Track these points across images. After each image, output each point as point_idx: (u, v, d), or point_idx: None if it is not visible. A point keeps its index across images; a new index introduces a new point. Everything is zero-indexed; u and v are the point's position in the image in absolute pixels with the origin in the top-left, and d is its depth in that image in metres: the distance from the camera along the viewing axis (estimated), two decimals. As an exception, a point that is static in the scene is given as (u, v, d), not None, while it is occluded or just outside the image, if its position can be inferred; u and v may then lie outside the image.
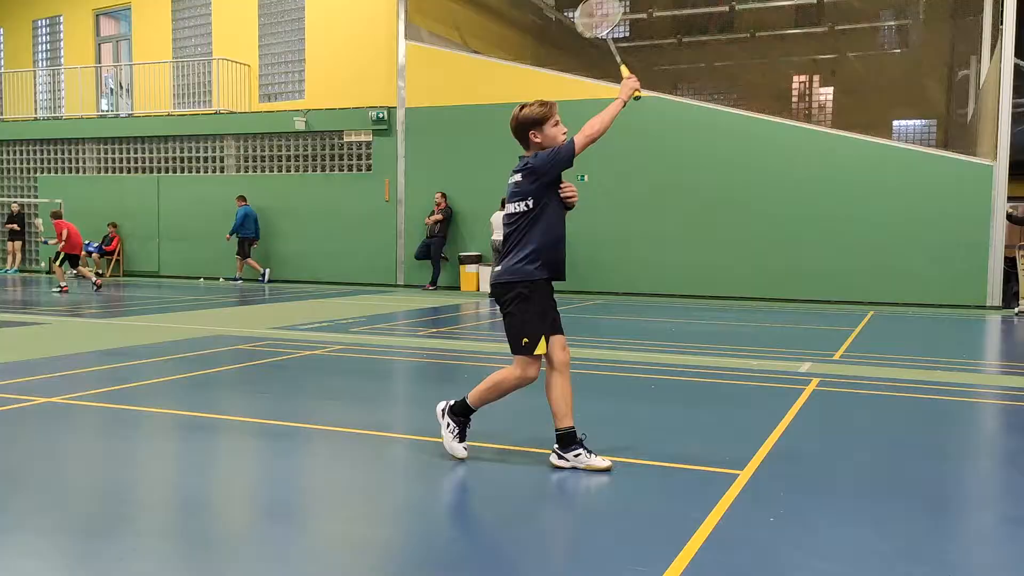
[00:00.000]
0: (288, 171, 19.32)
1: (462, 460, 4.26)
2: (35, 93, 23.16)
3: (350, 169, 18.77)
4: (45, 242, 18.20)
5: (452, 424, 4.29)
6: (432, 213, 17.25)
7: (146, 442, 4.88)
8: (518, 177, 4.36)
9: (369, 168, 18.53)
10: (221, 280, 19.29)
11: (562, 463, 4.16)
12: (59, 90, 23.00)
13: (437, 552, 3.13)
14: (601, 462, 4.11)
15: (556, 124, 4.46)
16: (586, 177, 16.76)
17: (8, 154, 22.19)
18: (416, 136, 17.99)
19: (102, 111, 22.28)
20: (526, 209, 4.25)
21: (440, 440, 4.41)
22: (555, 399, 4.19)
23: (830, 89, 22.67)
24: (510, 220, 4.32)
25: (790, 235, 15.30)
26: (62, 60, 22.87)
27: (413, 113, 17.97)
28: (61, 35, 22.98)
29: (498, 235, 15.21)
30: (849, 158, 15.08)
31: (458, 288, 17.59)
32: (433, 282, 17.24)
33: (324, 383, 6.75)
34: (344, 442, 4.80)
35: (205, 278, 19.70)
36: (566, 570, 2.93)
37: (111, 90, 22.66)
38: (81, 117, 21.65)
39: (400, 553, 3.16)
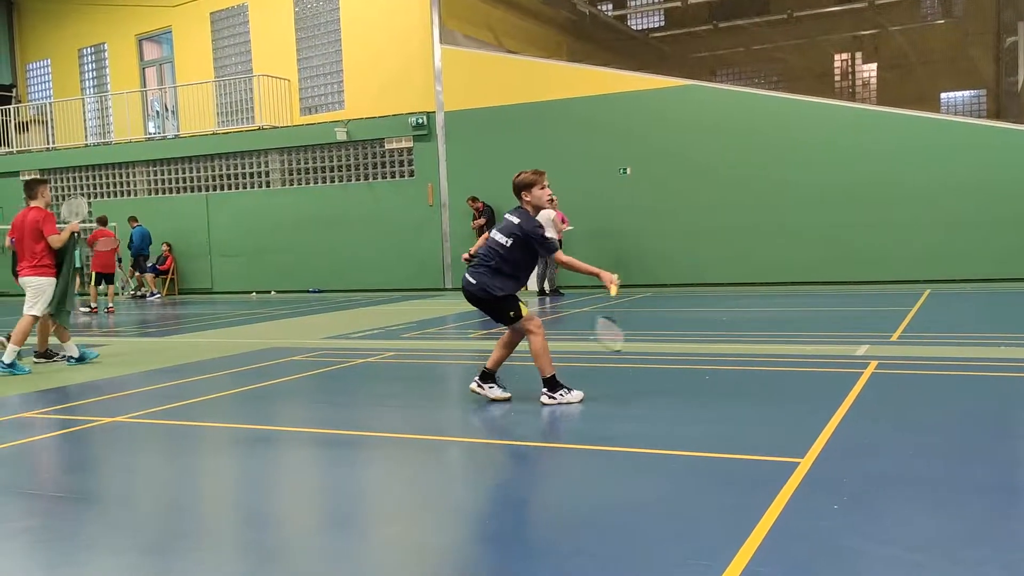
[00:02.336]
0: (331, 182, 19.56)
1: (508, 399, 5.71)
2: (84, 120, 23.81)
3: (392, 176, 18.94)
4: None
5: (489, 384, 5.83)
6: (474, 218, 17.31)
7: (209, 457, 4.98)
8: (514, 219, 5.71)
9: (412, 174, 18.66)
10: (272, 293, 19.62)
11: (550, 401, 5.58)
12: (107, 116, 23.62)
13: (498, 552, 3.14)
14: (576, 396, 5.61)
15: (543, 188, 5.77)
16: (628, 170, 16.68)
17: (62, 181, 22.84)
18: (456, 139, 18.07)
19: (149, 134, 22.81)
20: (507, 245, 5.65)
21: (494, 440, 4.42)
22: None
23: (873, 65, 22.17)
24: (495, 245, 5.69)
25: (839, 217, 15.01)
26: (108, 86, 23.48)
27: (452, 116, 18.05)
28: (106, 62, 23.59)
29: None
30: (897, 135, 14.75)
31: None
32: None
33: (379, 390, 6.82)
34: (402, 448, 4.84)
35: (257, 292, 20.06)
36: (628, 565, 2.92)
37: (157, 113, 23.19)
38: (130, 141, 22.19)
39: (462, 556, 3.18)
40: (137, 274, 20.24)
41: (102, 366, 8.47)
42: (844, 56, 22.30)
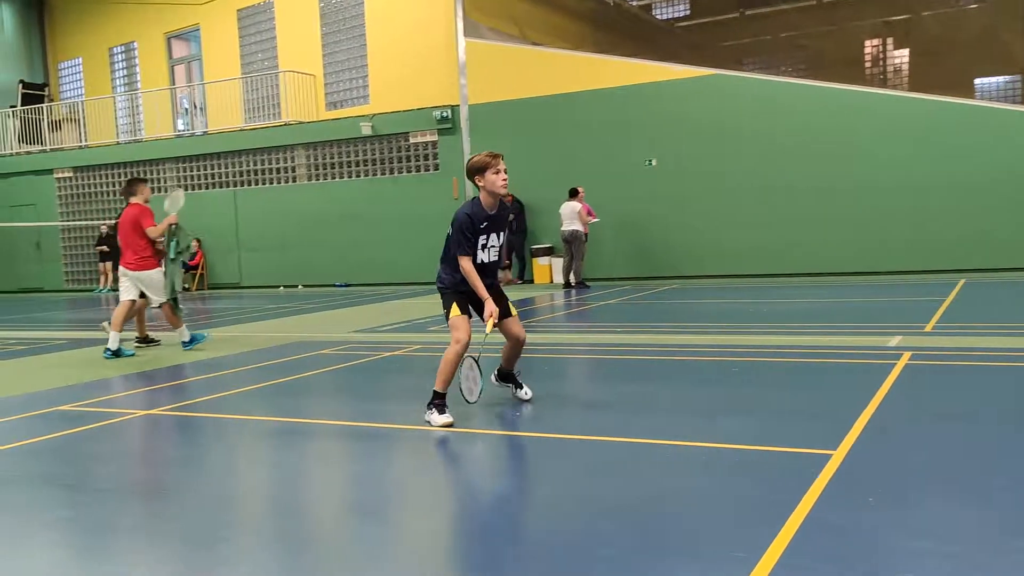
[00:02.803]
0: (357, 176, 19.65)
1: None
2: (115, 118, 24.11)
3: (417, 170, 18.98)
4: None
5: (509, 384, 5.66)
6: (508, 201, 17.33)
7: (243, 449, 5.03)
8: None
9: (436, 168, 18.69)
10: (300, 287, 19.78)
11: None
12: (137, 113, 23.91)
13: (532, 543, 3.14)
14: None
15: (496, 171, 5.04)
16: (654, 161, 16.59)
17: (94, 179, 23.16)
18: (481, 132, 18.06)
19: (179, 131, 23.05)
20: (448, 235, 5.19)
21: (522, 433, 4.43)
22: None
23: (905, 51, 21.78)
24: (496, 249, 5.21)
25: (870, 206, 14.82)
26: (139, 84, 23.76)
27: (476, 110, 18.05)
28: (136, 60, 23.87)
29: (568, 226, 15.14)
30: (930, 121, 14.53)
31: (531, 281, 17.62)
32: (520, 275, 17.44)
33: (406, 383, 6.84)
34: (430, 440, 4.86)
35: (285, 286, 20.22)
36: (660, 556, 2.91)
37: (186, 110, 23.43)
38: (159, 138, 22.45)
39: (492, 546, 3.19)
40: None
41: (134, 360, 8.58)
42: (874, 42, 21.93)
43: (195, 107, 23.14)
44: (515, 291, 15.59)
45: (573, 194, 15.34)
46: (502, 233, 5.22)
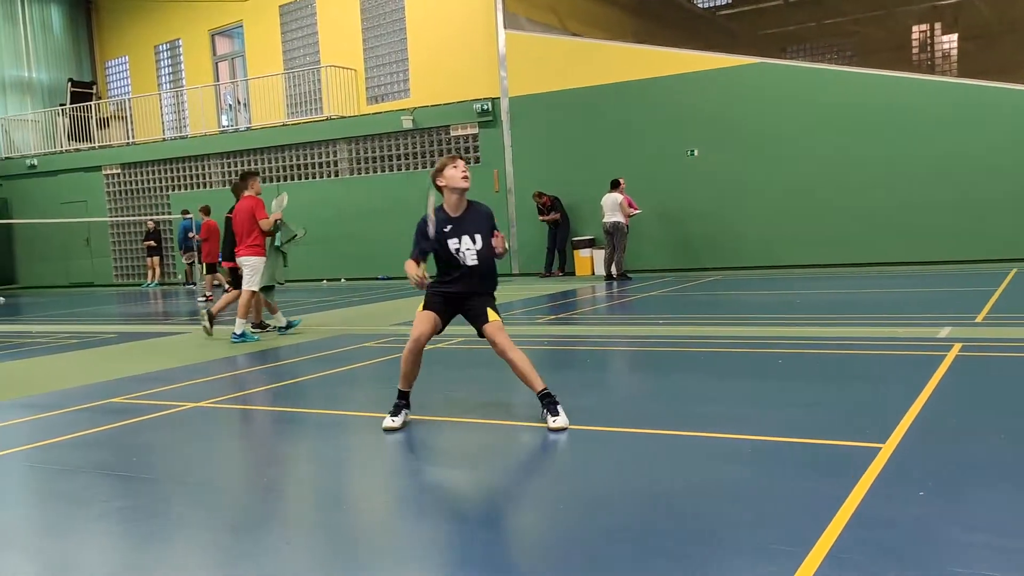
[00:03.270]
0: (398, 169, 19.77)
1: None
2: (161, 115, 24.57)
3: (458, 163, 19.00)
4: (196, 240, 18.70)
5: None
6: (541, 212, 17.34)
7: (288, 441, 5.11)
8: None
9: (477, 160, 18.73)
10: (343, 281, 19.98)
11: None
12: (182, 110, 24.34)
13: (585, 534, 3.15)
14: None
15: (455, 167, 4.96)
16: (696, 152, 16.45)
17: (141, 175, 23.63)
18: (521, 124, 18.05)
19: (223, 127, 23.41)
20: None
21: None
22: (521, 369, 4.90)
23: (953, 36, 21.26)
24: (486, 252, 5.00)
25: (919, 195, 14.52)
26: (184, 81, 24.17)
27: (517, 102, 18.03)
28: (181, 57, 24.28)
29: (609, 218, 15.08)
30: (980, 108, 14.18)
31: (573, 273, 17.59)
32: (561, 268, 17.44)
33: (450, 375, 6.89)
34: (474, 432, 4.89)
35: (327, 279, 20.44)
36: (707, 548, 2.90)
37: (229, 106, 23.78)
38: (204, 134, 22.81)
39: (540, 537, 3.20)
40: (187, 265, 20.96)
41: (183, 353, 8.76)
42: (922, 27, 21.44)
43: (238, 103, 23.47)
44: (556, 284, 15.58)
45: (614, 185, 15.26)
46: (478, 235, 4.92)
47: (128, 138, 24.41)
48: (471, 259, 4.93)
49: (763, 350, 6.98)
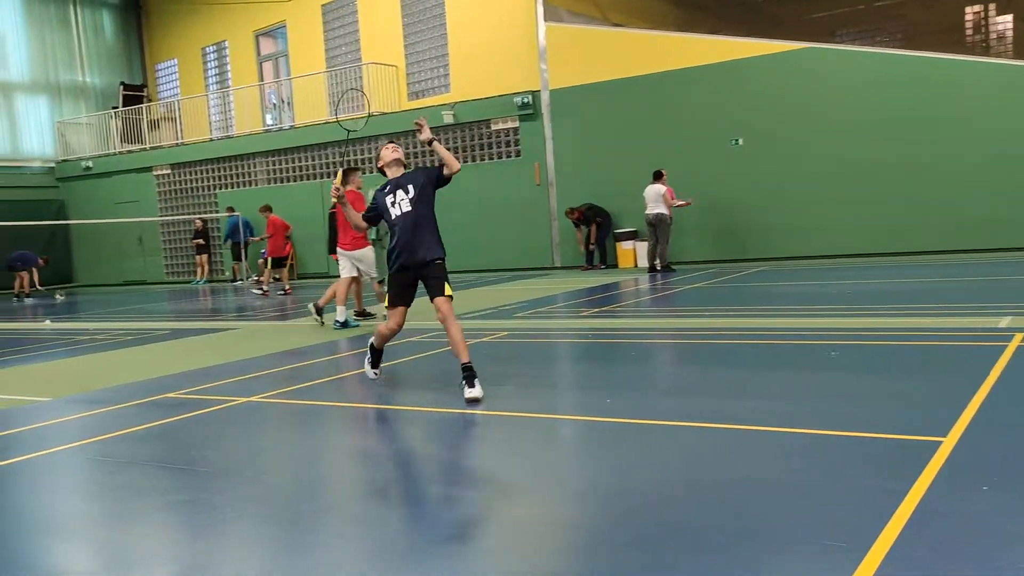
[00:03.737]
0: (439, 164, 19.79)
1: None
2: (208, 115, 25.00)
3: (499, 157, 19.03)
4: (259, 238, 19.00)
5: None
6: (576, 225, 17.41)
7: (336, 435, 5.17)
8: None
9: (518, 154, 18.71)
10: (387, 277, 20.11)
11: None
12: (229, 110, 24.72)
13: (628, 528, 3.12)
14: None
15: (385, 147, 6.07)
16: (740, 141, 16.23)
17: (189, 174, 24.08)
18: (562, 117, 17.98)
19: (267, 126, 23.73)
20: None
21: (613, 419, 4.39)
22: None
23: (1008, 17, 20.65)
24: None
25: (973, 180, 14.15)
26: (230, 82, 24.54)
27: (557, 94, 17.96)
28: (227, 58, 24.66)
29: (652, 209, 14.95)
30: (1037, 90, 13.74)
31: (615, 265, 17.49)
32: (603, 261, 17.40)
33: (495, 369, 6.89)
34: (520, 426, 4.88)
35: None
36: (763, 544, 2.85)
37: (274, 105, 24.09)
38: (249, 133, 23.15)
39: (591, 532, 3.19)
40: (234, 263, 21.32)
41: (233, 348, 8.91)
42: (975, 8, 20.88)
43: (282, 102, 23.76)
44: (598, 277, 15.51)
45: (657, 176, 15.13)
46: (411, 186, 5.78)
47: (177, 139, 24.88)
48: (405, 206, 5.67)
49: (815, 342, 6.86)
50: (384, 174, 5.92)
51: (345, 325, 9.91)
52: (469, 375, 5.34)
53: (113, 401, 6.22)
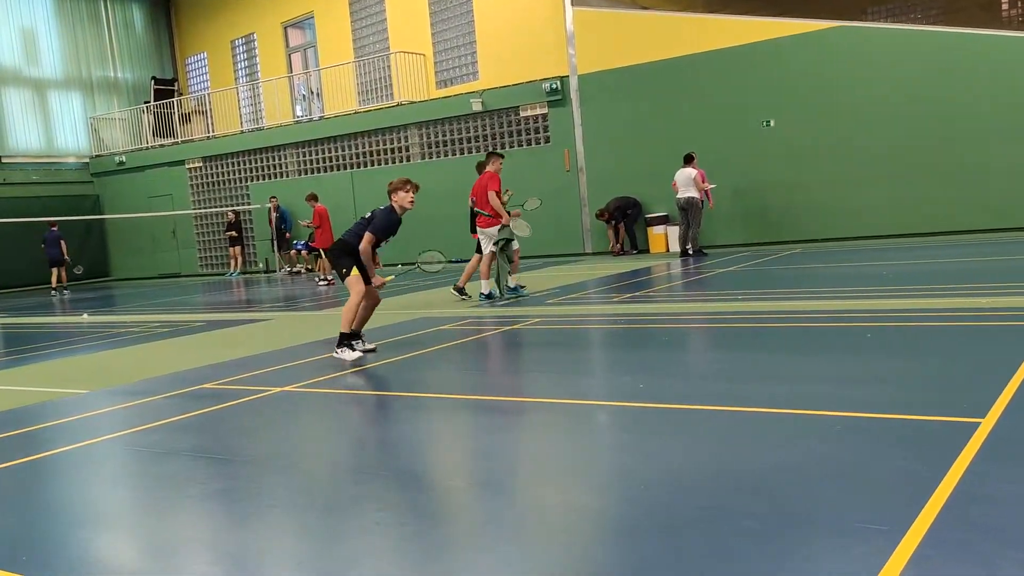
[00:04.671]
0: (469, 152, 19.83)
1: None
2: (239, 108, 25.22)
3: (528, 143, 18.99)
4: (307, 224, 18.86)
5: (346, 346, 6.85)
6: (609, 224, 17.42)
7: (372, 423, 5.22)
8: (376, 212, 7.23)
9: (547, 140, 18.65)
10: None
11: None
12: (259, 102, 24.92)
13: (661, 513, 3.12)
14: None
15: (407, 192, 7.19)
16: (772, 122, 16.03)
17: (221, 167, 24.34)
18: (591, 102, 17.87)
19: (297, 117, 23.89)
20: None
21: (645, 404, 4.37)
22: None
23: (1047, -12, 20.12)
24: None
25: (1013, 157, 13.83)
26: (259, 74, 24.72)
27: (586, 80, 17.86)
28: (256, 51, 24.84)
29: (683, 193, 14.84)
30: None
31: (647, 251, 17.40)
32: (634, 246, 17.42)
33: (528, 356, 6.91)
34: (553, 412, 4.89)
35: (402, 264, 20.71)
36: (800, 527, 2.83)
37: (303, 96, 24.24)
38: (280, 125, 23.32)
39: (620, 518, 3.19)
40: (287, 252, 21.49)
41: (268, 339, 9.01)
42: (1012, -19, 20.34)
43: (312, 93, 23.90)
44: (628, 262, 15.43)
45: (688, 160, 15.01)
46: (392, 237, 7.03)
47: (209, 132, 25.15)
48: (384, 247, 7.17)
49: (850, 324, 6.78)
50: (391, 199, 7.21)
51: (490, 296, 10.62)
52: (346, 344, 6.71)
53: (150, 392, 6.33)
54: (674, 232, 16.30)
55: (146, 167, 25.36)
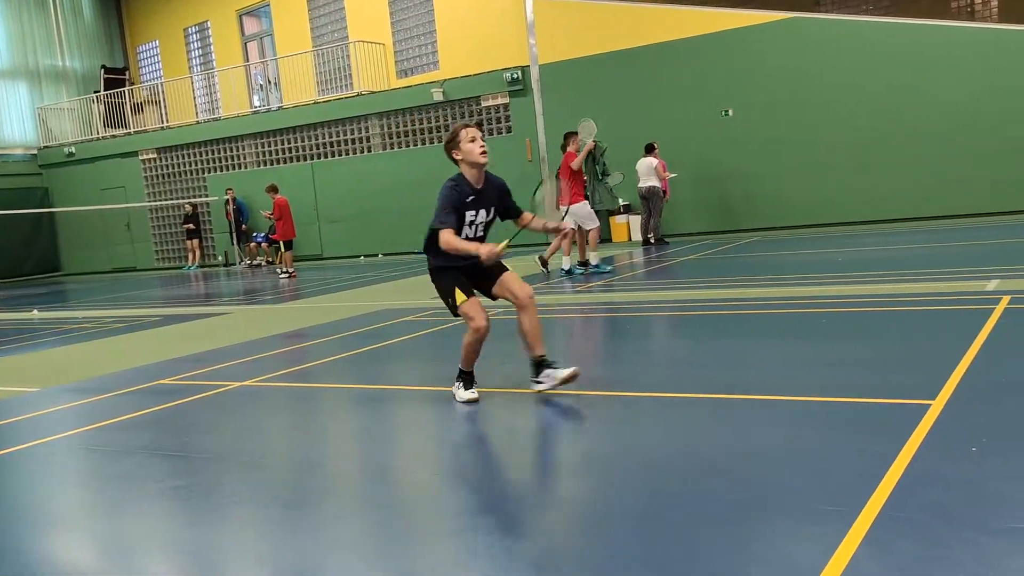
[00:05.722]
0: (431, 143, 19.74)
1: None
2: (194, 98, 24.77)
3: (490, 133, 18.94)
4: (268, 216, 18.54)
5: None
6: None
7: (332, 417, 5.18)
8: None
9: (509, 130, 18.63)
10: (380, 256, 20.10)
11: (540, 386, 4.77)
12: (214, 92, 24.50)
13: (634, 502, 3.15)
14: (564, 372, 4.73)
15: (472, 140, 4.79)
16: (730, 112, 16.18)
17: (177, 158, 23.92)
18: (553, 92, 17.85)
19: (255, 107, 23.54)
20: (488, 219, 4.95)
21: (612, 393, 4.40)
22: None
23: (995, -20, 20.59)
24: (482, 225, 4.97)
25: (961, 145, 14.16)
26: (214, 63, 24.30)
27: (547, 69, 17.81)
28: (210, 39, 24.40)
29: (645, 182, 14.93)
30: (1020, 53, 13.71)
31: (610, 240, 17.49)
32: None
33: (490, 346, 6.89)
34: (518, 402, 4.90)
35: (364, 256, 20.57)
36: (757, 511, 2.88)
37: (260, 86, 23.89)
38: (237, 115, 22.96)
39: (588, 503, 3.21)
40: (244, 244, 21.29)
41: (227, 333, 8.90)
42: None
43: (269, 83, 23.57)
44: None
45: (649, 150, 15.10)
46: (491, 209, 4.90)
47: (162, 122, 24.68)
48: (480, 230, 4.91)
49: (806, 310, 6.89)
50: (454, 158, 4.88)
51: (598, 268, 11.03)
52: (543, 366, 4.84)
53: (105, 389, 6.21)
54: (636, 221, 16.40)
55: (97, 158, 24.81)
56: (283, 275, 16.20)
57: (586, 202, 11.05)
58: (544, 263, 11.52)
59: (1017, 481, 2.93)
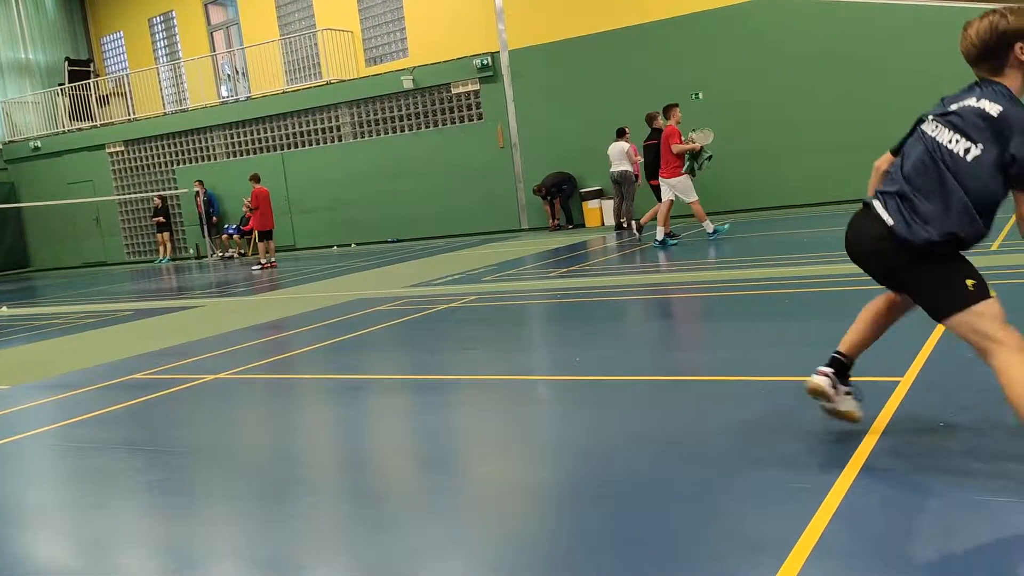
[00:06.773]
0: (402, 131, 19.64)
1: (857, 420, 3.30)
2: (160, 89, 24.42)
3: (461, 120, 18.88)
4: (245, 207, 18.33)
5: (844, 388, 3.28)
6: (546, 200, 17.51)
7: (308, 407, 5.17)
8: (986, 106, 2.83)
9: (480, 117, 18.57)
10: (352, 246, 20.00)
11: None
12: (181, 83, 24.18)
13: (595, 483, 3.18)
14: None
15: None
16: (701, 94, 16.23)
17: (145, 151, 23.59)
18: (522, 78, 17.84)
19: (223, 98, 23.26)
20: (966, 155, 2.85)
21: (581, 377, 4.43)
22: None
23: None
24: (943, 154, 2.92)
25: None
26: (180, 53, 23.96)
27: (517, 55, 17.80)
28: (176, 29, 24.04)
29: (617, 167, 14.95)
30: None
31: (583, 225, 17.52)
32: (569, 222, 17.56)
33: (464, 334, 6.91)
34: (492, 389, 4.92)
35: (338, 245, 20.46)
36: (729, 490, 2.92)
37: (228, 76, 23.60)
38: (205, 106, 22.68)
39: (560, 489, 3.24)
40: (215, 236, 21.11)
41: (200, 326, 8.83)
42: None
43: (237, 72, 23.29)
44: (564, 237, 15.53)
45: (620, 134, 15.12)
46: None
47: (129, 114, 24.32)
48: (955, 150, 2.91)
49: (772, 291, 6.96)
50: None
51: (664, 244, 11.37)
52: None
53: (77, 385, 6.15)
54: (609, 206, 16.44)
55: (63, 152, 24.41)
56: (256, 267, 16.08)
57: (686, 176, 11.52)
58: (639, 228, 12.40)
59: (985, 453, 3.00)
